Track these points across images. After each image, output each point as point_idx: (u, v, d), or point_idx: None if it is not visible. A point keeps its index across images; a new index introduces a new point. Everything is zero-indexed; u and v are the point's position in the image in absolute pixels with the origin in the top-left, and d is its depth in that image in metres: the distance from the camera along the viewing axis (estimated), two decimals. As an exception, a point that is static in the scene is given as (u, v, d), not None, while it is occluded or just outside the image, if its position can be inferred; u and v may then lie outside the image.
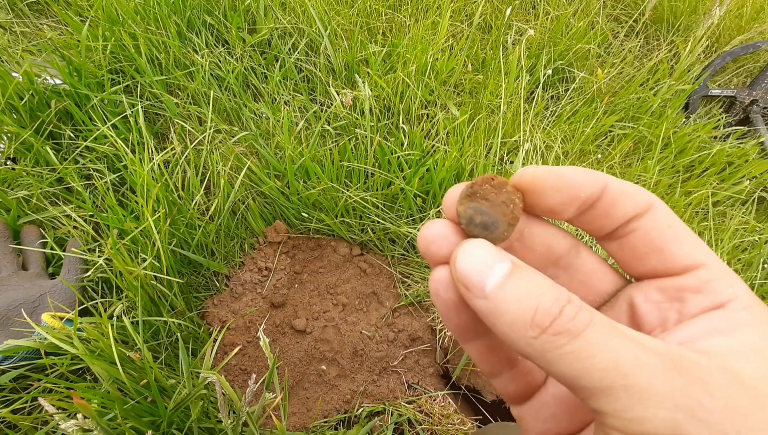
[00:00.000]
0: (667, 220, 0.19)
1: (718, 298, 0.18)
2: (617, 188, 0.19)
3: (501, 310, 0.16)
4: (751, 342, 0.16)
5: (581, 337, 0.14)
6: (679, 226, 0.19)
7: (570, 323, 0.15)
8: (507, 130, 1.04)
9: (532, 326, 0.15)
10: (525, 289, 0.15)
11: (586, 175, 0.19)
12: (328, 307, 0.90)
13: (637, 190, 0.19)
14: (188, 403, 0.54)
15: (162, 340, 0.69)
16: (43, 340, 0.55)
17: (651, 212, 0.19)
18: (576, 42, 1.23)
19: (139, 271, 0.62)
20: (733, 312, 0.17)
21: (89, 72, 0.91)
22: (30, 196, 0.76)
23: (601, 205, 0.19)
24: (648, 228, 0.19)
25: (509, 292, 0.16)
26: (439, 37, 1.12)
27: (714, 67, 1.28)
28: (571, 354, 0.14)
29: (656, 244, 0.19)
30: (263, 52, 1.12)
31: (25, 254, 0.71)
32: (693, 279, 0.18)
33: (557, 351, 0.14)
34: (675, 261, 0.19)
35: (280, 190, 0.91)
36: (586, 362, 0.14)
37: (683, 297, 0.18)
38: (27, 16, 1.15)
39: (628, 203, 0.19)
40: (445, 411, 0.77)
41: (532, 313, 0.15)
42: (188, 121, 0.98)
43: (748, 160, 1.15)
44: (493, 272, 0.16)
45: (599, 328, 0.15)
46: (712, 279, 0.18)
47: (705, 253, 0.18)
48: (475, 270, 0.16)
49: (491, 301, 0.16)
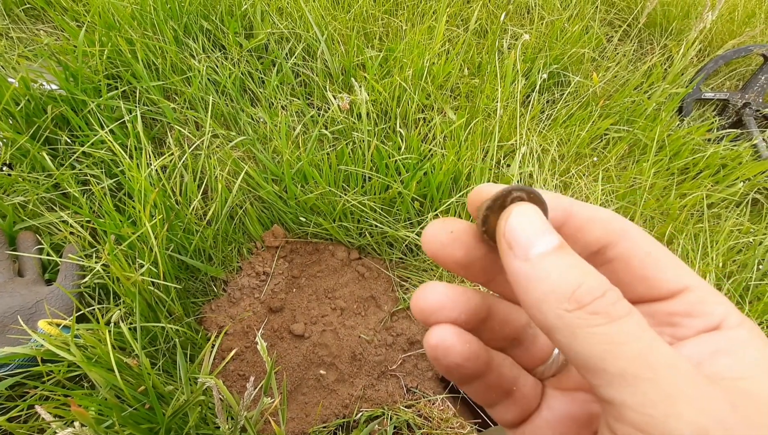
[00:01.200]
0: (644, 247, 0.19)
1: (711, 320, 0.18)
2: (584, 214, 0.19)
3: (540, 277, 0.15)
4: (754, 358, 0.16)
5: (618, 322, 0.15)
6: (659, 251, 0.19)
7: (611, 307, 0.15)
8: (503, 134, 1.04)
9: (570, 299, 0.15)
10: (572, 264, 0.16)
11: (549, 198, 0.19)
12: (327, 312, 0.90)
13: (608, 216, 0.19)
14: (186, 410, 0.53)
15: (160, 346, 0.68)
16: (40, 347, 0.55)
17: (625, 239, 0.19)
18: (571, 46, 1.24)
19: (137, 276, 0.61)
20: (729, 331, 0.17)
21: (86, 77, 0.91)
22: (26, 202, 0.76)
23: (567, 231, 0.19)
24: (626, 256, 0.19)
25: (555, 263, 0.16)
26: (436, 41, 1.13)
27: (707, 70, 1.30)
28: (603, 335, 0.14)
29: (638, 272, 0.19)
30: (260, 57, 1.12)
31: (21, 260, 0.71)
32: (682, 303, 0.18)
33: (589, 329, 0.14)
34: (661, 287, 0.18)
35: (277, 194, 0.91)
36: (616, 347, 0.14)
37: (675, 322, 0.18)
38: (23, 22, 1.15)
39: (596, 230, 0.19)
40: (444, 415, 0.77)
41: (574, 287, 0.15)
42: (186, 126, 0.98)
43: (741, 162, 1.16)
44: (543, 240, 0.16)
45: (637, 320, 0.15)
46: (700, 301, 0.18)
47: (688, 275, 0.18)
48: (525, 230, 0.16)
49: (533, 266, 0.16)
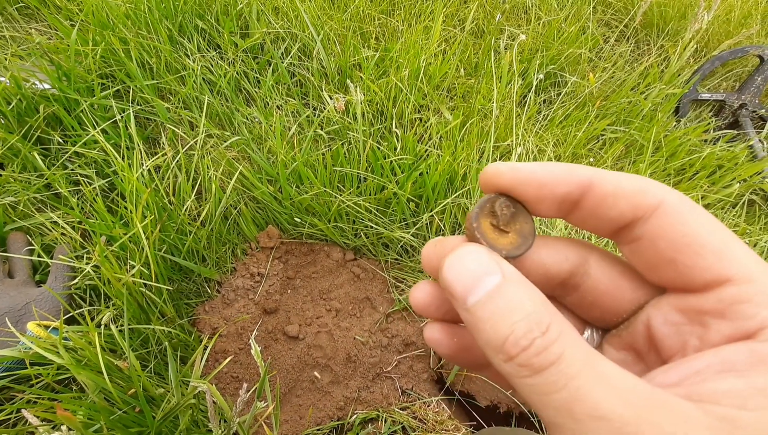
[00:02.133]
0: (679, 225, 0.16)
1: (746, 326, 0.15)
2: (606, 187, 0.17)
3: (479, 327, 0.15)
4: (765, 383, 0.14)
5: (542, 374, 0.14)
6: (698, 231, 0.15)
7: (535, 358, 0.14)
8: (500, 135, 1.04)
9: (501, 351, 0.15)
10: (504, 311, 0.15)
11: (563, 170, 0.17)
12: (321, 313, 0.89)
13: (637, 188, 0.16)
14: (177, 413, 0.53)
15: (152, 348, 0.68)
16: (28, 350, 0.54)
17: (659, 215, 0.16)
18: (567, 47, 1.24)
19: (127, 277, 0.61)
20: (761, 344, 0.14)
21: (79, 76, 0.90)
22: (17, 203, 0.75)
23: (587, 204, 0.17)
24: (654, 234, 0.16)
25: (488, 312, 0.15)
26: (432, 41, 1.12)
27: (703, 71, 1.29)
28: (532, 386, 0.14)
29: (667, 254, 0.16)
30: (256, 56, 1.12)
31: (12, 262, 0.70)
32: (714, 300, 0.15)
33: (521, 380, 0.14)
34: (692, 275, 0.16)
35: (272, 195, 0.90)
36: (543, 398, 0.14)
37: (704, 322, 0.16)
38: (16, 21, 1.14)
39: (620, 204, 0.17)
40: (439, 417, 0.77)
41: (503, 340, 0.15)
42: (180, 125, 0.97)
43: (737, 163, 1.16)
44: (478, 287, 0.15)
45: (565, 367, 0.14)
46: (741, 300, 0.15)
47: (734, 265, 0.15)
48: (460, 281, 0.16)
49: (472, 316, 0.15)
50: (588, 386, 0.14)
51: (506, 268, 0.16)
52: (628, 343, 0.19)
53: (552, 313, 0.15)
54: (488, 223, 0.18)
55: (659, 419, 0.13)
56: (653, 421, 0.13)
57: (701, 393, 0.14)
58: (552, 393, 0.14)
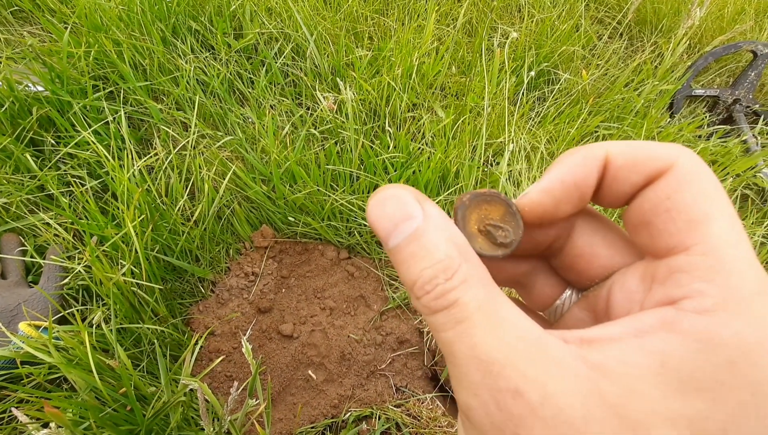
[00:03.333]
0: (669, 189, 0.15)
1: (673, 293, 0.15)
2: (619, 161, 0.16)
3: (397, 267, 0.16)
4: (641, 357, 0.14)
5: (437, 315, 0.15)
6: (685, 196, 0.15)
7: (433, 302, 0.15)
8: (492, 132, 1.04)
9: (412, 291, 0.16)
10: (416, 257, 0.16)
11: (575, 176, 0.17)
12: (316, 312, 0.89)
13: (648, 154, 0.16)
14: (168, 411, 0.53)
15: (144, 348, 0.68)
16: (19, 349, 0.54)
17: (662, 179, 0.16)
18: (561, 44, 1.24)
19: (118, 277, 0.61)
20: (674, 311, 0.14)
21: (71, 78, 0.90)
22: (9, 204, 0.75)
23: (605, 185, 0.17)
24: (643, 198, 0.16)
25: (403, 255, 0.16)
26: (425, 40, 1.12)
27: (697, 67, 1.30)
28: (431, 324, 0.16)
29: (646, 216, 0.16)
30: (249, 57, 1.12)
31: (4, 263, 0.70)
32: (665, 266, 0.15)
33: (425, 317, 0.16)
34: (659, 239, 0.16)
35: (266, 194, 0.90)
36: (436, 334, 0.16)
37: (651, 288, 0.16)
38: (10, 24, 1.15)
39: (632, 176, 0.16)
40: (433, 413, 0.77)
41: (413, 283, 0.16)
42: (173, 126, 0.97)
43: (731, 158, 1.16)
44: (397, 230, 0.16)
45: (457, 311, 0.15)
46: (682, 269, 0.15)
47: (702, 236, 0.14)
48: (383, 224, 0.16)
49: (392, 257, 0.17)
50: (471, 329, 0.15)
51: (430, 210, 0.16)
52: (591, 305, 0.20)
53: (464, 261, 0.16)
54: (477, 216, 0.19)
55: (527, 363, 0.14)
56: (519, 364, 0.14)
57: (600, 352, 0.15)
58: (441, 332, 0.15)
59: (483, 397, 0.14)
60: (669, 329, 0.14)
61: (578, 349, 0.15)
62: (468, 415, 0.15)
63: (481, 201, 0.19)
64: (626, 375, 0.14)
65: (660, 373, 0.13)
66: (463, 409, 0.15)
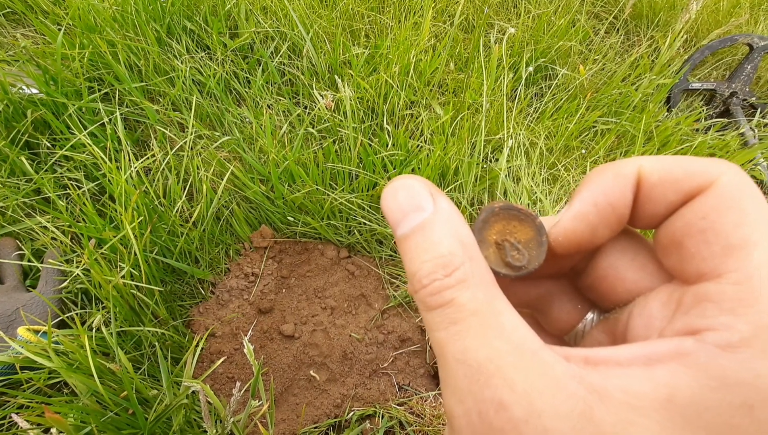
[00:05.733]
0: (706, 208, 0.14)
1: (697, 324, 0.13)
2: (653, 179, 0.15)
3: (402, 256, 0.16)
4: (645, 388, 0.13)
5: (432, 312, 0.15)
6: (723, 219, 0.13)
7: (429, 297, 0.15)
8: (491, 128, 1.04)
9: (411, 283, 0.16)
10: (420, 249, 0.16)
11: (608, 188, 0.16)
12: (317, 311, 0.89)
13: (685, 172, 0.15)
14: (170, 414, 0.52)
15: (145, 350, 0.67)
16: (19, 354, 0.54)
17: (701, 200, 0.14)
18: (558, 39, 1.24)
19: (117, 279, 0.60)
20: (692, 342, 0.13)
21: (66, 80, 0.90)
22: (5, 208, 0.75)
23: (638, 204, 0.16)
24: (676, 217, 0.15)
25: (408, 246, 0.16)
26: (422, 37, 1.12)
27: (693, 61, 1.30)
28: (425, 320, 0.16)
29: (677, 236, 0.15)
30: (245, 56, 1.11)
31: (1, 267, 0.70)
32: (692, 293, 0.14)
33: (421, 311, 0.16)
34: (690, 263, 0.14)
35: (264, 194, 0.90)
36: (430, 333, 0.15)
37: (674, 315, 0.15)
38: (4, 27, 1.14)
39: (668, 194, 0.15)
40: (437, 411, 0.77)
41: (413, 275, 0.16)
42: (169, 127, 0.97)
43: (729, 151, 1.17)
44: (406, 220, 0.16)
45: (452, 311, 0.15)
46: (710, 299, 0.13)
47: (738, 263, 0.13)
48: (392, 212, 0.16)
49: (400, 245, 0.16)
50: (464, 332, 0.14)
51: (441, 203, 0.16)
52: (611, 327, 0.19)
53: (467, 260, 0.15)
54: (501, 227, 0.18)
55: (517, 375, 0.13)
56: (508, 375, 0.13)
57: (603, 375, 0.14)
58: (434, 331, 0.15)
59: (467, 405, 0.14)
60: (683, 361, 0.13)
61: (579, 369, 0.14)
62: (451, 423, 0.14)
63: (512, 216, 0.18)
64: (626, 404, 0.13)
65: (665, 407, 0.12)
66: (447, 415, 0.15)
